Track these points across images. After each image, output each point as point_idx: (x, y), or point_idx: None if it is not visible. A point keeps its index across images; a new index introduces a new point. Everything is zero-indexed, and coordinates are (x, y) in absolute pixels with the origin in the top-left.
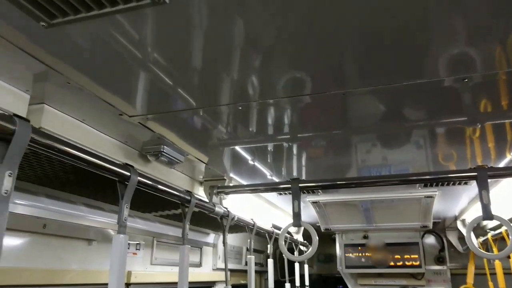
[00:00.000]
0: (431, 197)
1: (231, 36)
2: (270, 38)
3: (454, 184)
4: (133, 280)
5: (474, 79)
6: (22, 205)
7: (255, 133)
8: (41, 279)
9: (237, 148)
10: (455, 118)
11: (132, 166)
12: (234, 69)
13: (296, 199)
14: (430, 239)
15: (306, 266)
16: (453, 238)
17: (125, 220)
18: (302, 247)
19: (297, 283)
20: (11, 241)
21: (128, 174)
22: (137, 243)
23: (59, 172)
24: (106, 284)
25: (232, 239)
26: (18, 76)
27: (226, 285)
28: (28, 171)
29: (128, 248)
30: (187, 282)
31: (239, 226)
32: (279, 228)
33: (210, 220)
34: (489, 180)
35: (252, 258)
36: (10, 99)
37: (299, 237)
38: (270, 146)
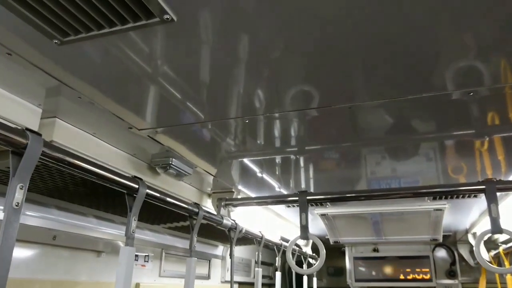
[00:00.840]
0: (441, 210)
1: (238, 51)
2: (277, 53)
3: (463, 197)
4: None
5: (481, 93)
6: (32, 217)
7: (263, 145)
8: None
9: (245, 160)
10: (463, 131)
11: (140, 179)
12: (242, 83)
13: (303, 211)
14: (441, 253)
15: (314, 280)
16: (464, 252)
17: (133, 232)
18: (311, 260)
19: None
20: (22, 252)
21: (137, 186)
22: (146, 255)
23: (69, 185)
24: None
25: (241, 251)
26: (31, 91)
27: None
28: (39, 183)
29: (137, 260)
30: None
31: (247, 239)
32: (287, 241)
33: (219, 233)
34: (498, 194)
35: (259, 271)
36: (23, 113)
37: (307, 250)
38: (278, 159)
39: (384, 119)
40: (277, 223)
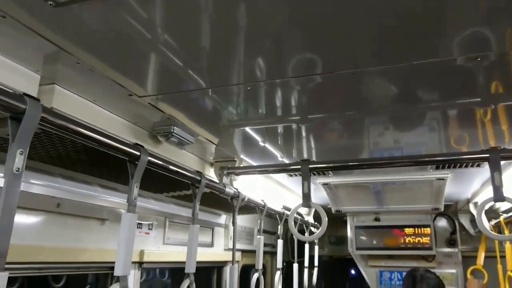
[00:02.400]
0: (443, 179)
1: (240, 17)
2: (279, 18)
3: (466, 166)
4: (146, 259)
5: (487, 58)
6: (36, 185)
7: (265, 114)
8: (57, 257)
9: (247, 129)
10: (468, 99)
11: (142, 146)
12: (243, 50)
13: (306, 180)
14: (442, 222)
15: (316, 248)
16: (465, 221)
17: (134, 199)
18: (313, 229)
19: (306, 264)
20: (27, 220)
21: (138, 153)
22: (150, 223)
23: (71, 152)
24: None
25: (244, 220)
26: (28, 56)
27: (233, 264)
28: (40, 150)
29: (141, 228)
30: (195, 260)
31: (249, 207)
32: (289, 210)
33: (222, 201)
34: (502, 163)
35: (261, 239)
36: (21, 79)
37: (309, 219)
38: (280, 128)
39: (387, 86)
40: (279, 193)
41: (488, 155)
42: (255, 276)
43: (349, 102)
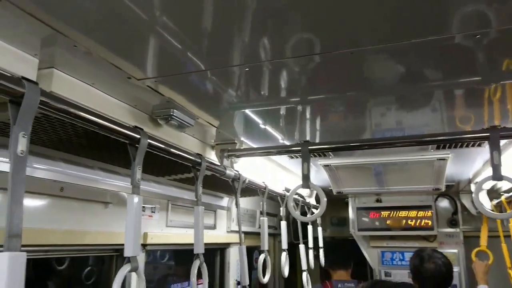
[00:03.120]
0: (444, 159)
1: None
2: None
3: (467, 146)
4: (149, 241)
5: (488, 35)
6: (39, 169)
7: (265, 95)
8: (62, 240)
9: (248, 111)
10: (469, 77)
11: (141, 129)
12: (243, 30)
13: (305, 161)
14: (443, 203)
15: (319, 229)
16: (466, 201)
17: (138, 181)
18: (314, 210)
19: (310, 245)
20: (32, 203)
21: (138, 136)
22: (153, 206)
23: (72, 136)
24: (122, 244)
25: (246, 202)
26: (26, 40)
27: (240, 245)
28: (42, 135)
29: (144, 211)
30: (203, 241)
31: (251, 190)
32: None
33: (223, 184)
34: (504, 142)
35: (265, 220)
36: (20, 64)
37: (311, 201)
38: (281, 109)
39: (388, 65)
40: (280, 175)
41: (488, 134)
42: (261, 257)
43: (350, 82)
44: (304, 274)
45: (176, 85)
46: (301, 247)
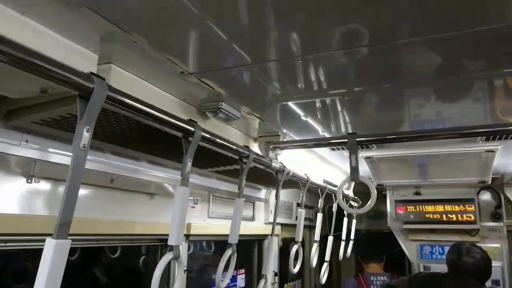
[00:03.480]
0: (493, 151)
1: None
2: None
3: None
4: (192, 231)
5: None
6: (92, 162)
7: (309, 88)
8: (111, 229)
9: (291, 103)
10: None
11: (195, 122)
12: (286, 24)
13: (353, 153)
14: (486, 196)
15: (354, 221)
16: (511, 194)
17: (188, 173)
18: (352, 203)
19: (343, 237)
20: (84, 194)
21: (193, 129)
22: (195, 198)
23: (125, 130)
24: (167, 234)
25: (283, 195)
26: (86, 37)
27: (271, 235)
28: (97, 129)
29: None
30: (238, 232)
31: (291, 182)
32: (330, 184)
33: (263, 176)
34: None
35: (302, 212)
36: (81, 60)
37: (350, 193)
38: (322, 102)
39: (432, 57)
40: (320, 167)
41: None
42: (294, 247)
43: (391, 74)
44: (324, 265)
45: (224, 79)
46: (330, 238)
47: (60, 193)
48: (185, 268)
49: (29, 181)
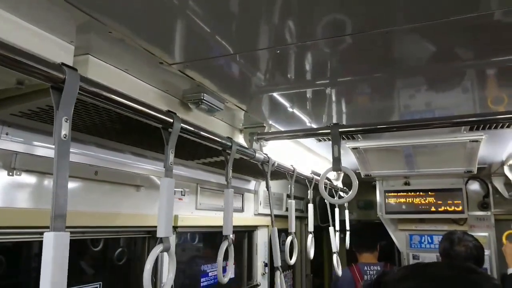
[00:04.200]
0: (477, 141)
1: None
2: None
3: (502, 127)
4: (180, 223)
5: None
6: (75, 154)
7: (294, 78)
8: (96, 222)
9: (276, 94)
10: (507, 56)
11: (174, 113)
12: (270, 12)
13: (336, 144)
14: (474, 186)
15: (346, 212)
16: (498, 184)
17: (171, 164)
18: (341, 193)
19: (337, 228)
20: (69, 187)
21: (171, 120)
22: (182, 190)
23: (106, 121)
24: (154, 226)
25: (273, 186)
26: (63, 27)
27: (273, 226)
28: (77, 120)
29: (174, 194)
30: (231, 223)
31: (279, 173)
32: (318, 175)
33: (251, 167)
34: None
35: (292, 203)
36: (56, 51)
37: (338, 184)
38: (309, 92)
39: (422, 45)
40: (308, 158)
41: None
42: (289, 239)
43: (381, 63)
44: (334, 256)
45: (206, 69)
46: (331, 229)
47: (43, 185)
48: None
49: (10, 174)
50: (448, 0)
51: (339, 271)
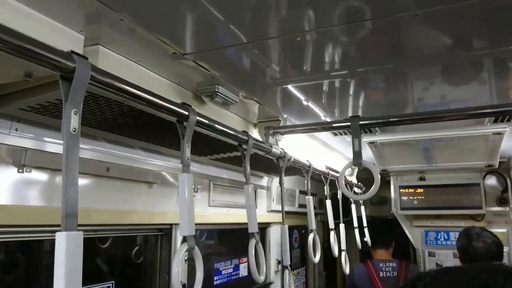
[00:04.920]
0: (501, 133)
1: None
2: None
3: None
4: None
5: None
6: (86, 150)
7: (309, 70)
8: (109, 219)
9: (291, 87)
10: None
11: (189, 105)
12: None
13: (356, 137)
14: (492, 180)
15: (362, 208)
16: None
17: (188, 159)
18: (356, 189)
19: (355, 224)
20: (80, 183)
21: (187, 113)
22: (195, 186)
23: (117, 116)
24: (168, 224)
25: (285, 182)
26: (71, 16)
27: (283, 224)
28: (87, 114)
29: None
30: (256, 219)
31: (293, 169)
32: (333, 170)
33: (263, 163)
34: None
35: (310, 199)
36: (66, 40)
37: (353, 179)
38: (324, 84)
39: (438, 32)
40: (323, 153)
41: None
42: (311, 236)
43: (398, 52)
44: (343, 254)
45: (219, 60)
46: (342, 226)
47: (54, 182)
48: (186, 258)
49: (20, 171)
50: None
51: (347, 269)
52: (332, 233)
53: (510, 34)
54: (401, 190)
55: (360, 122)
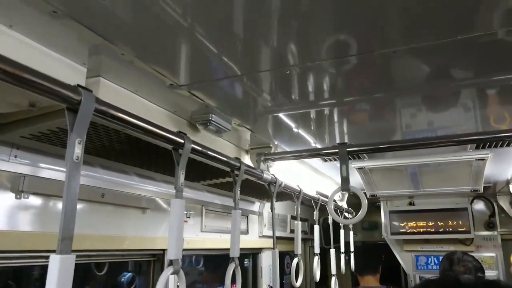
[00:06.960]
0: (483, 159)
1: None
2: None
3: (508, 145)
4: (185, 246)
5: None
6: (82, 176)
7: (299, 99)
8: (102, 245)
9: (282, 115)
10: (508, 75)
11: (185, 134)
12: (276, 34)
13: (344, 163)
14: (480, 205)
15: (351, 233)
16: (504, 203)
17: (181, 185)
18: (346, 214)
19: (342, 249)
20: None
21: (182, 141)
22: (187, 212)
23: (114, 143)
24: (161, 249)
25: (277, 207)
26: (75, 49)
27: (274, 248)
28: (86, 142)
29: None
30: (238, 244)
31: (284, 194)
32: (323, 195)
33: (255, 189)
34: None
35: (299, 224)
36: (69, 73)
37: (343, 204)
38: (313, 112)
39: (425, 64)
40: (313, 178)
41: None
42: (294, 261)
43: (384, 83)
44: (333, 279)
45: (213, 90)
46: (332, 251)
47: (50, 208)
48: (178, 284)
49: (17, 197)
50: (442, 23)
51: None
52: (316, 258)
53: (491, 65)
54: (391, 215)
55: (348, 149)
